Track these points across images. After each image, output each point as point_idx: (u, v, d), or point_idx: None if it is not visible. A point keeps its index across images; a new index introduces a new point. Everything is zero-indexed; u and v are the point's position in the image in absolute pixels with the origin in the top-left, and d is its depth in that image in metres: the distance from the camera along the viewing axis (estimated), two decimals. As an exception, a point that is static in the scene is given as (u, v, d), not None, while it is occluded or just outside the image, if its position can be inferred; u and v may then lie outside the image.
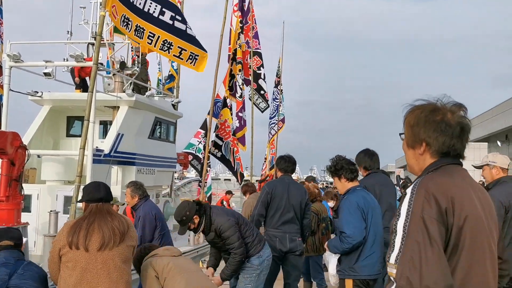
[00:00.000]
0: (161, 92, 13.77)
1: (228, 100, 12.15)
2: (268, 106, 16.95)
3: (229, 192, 16.57)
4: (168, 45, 7.46)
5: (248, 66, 14.88)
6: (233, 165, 11.99)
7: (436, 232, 1.58)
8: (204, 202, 4.78)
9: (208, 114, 12.12)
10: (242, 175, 13.15)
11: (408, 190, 1.72)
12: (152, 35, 7.22)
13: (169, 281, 3.62)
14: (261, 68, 16.43)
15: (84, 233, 3.17)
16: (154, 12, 7.19)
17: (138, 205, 5.59)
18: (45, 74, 9.94)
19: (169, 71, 14.59)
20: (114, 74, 11.52)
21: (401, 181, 8.77)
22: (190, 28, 7.75)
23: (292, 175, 5.51)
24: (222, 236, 4.38)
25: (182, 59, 7.64)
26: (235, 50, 12.46)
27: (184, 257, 4.04)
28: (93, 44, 10.49)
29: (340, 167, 4.14)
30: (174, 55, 7.68)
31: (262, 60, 16.38)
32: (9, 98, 9.74)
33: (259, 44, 16.40)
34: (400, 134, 1.92)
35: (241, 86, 12.27)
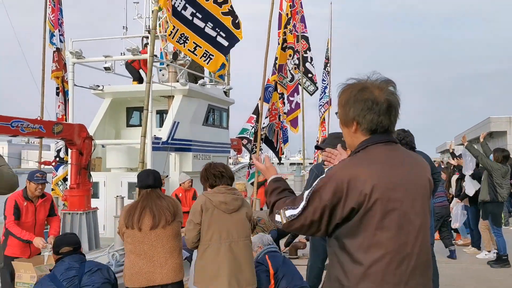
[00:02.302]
0: (213, 80, 14.16)
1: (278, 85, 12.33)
2: (317, 89, 17.05)
3: None
4: (184, 39, 7.77)
5: (296, 49, 14.98)
6: (275, 145, 12.28)
7: (323, 211, 1.81)
8: None
9: (260, 99, 12.38)
10: (280, 157, 13.53)
11: (326, 170, 1.93)
12: (173, 27, 7.56)
13: (205, 234, 3.72)
14: (308, 51, 16.59)
15: (137, 216, 3.68)
16: (178, 6, 7.49)
17: None
18: (105, 68, 10.59)
19: (220, 59, 14.97)
20: (167, 65, 12.01)
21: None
22: (212, 28, 7.94)
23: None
24: None
25: (196, 55, 7.87)
26: (284, 34, 12.56)
27: (239, 215, 3.85)
28: (147, 37, 10.99)
29: (405, 142, 4.43)
30: (188, 50, 7.93)
31: (308, 43, 16.48)
32: (74, 93, 10.49)
33: (305, 27, 16.47)
34: (336, 113, 2.02)
35: (291, 71, 12.37)
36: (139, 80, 12.27)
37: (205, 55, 7.89)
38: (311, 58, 16.77)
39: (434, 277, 5.13)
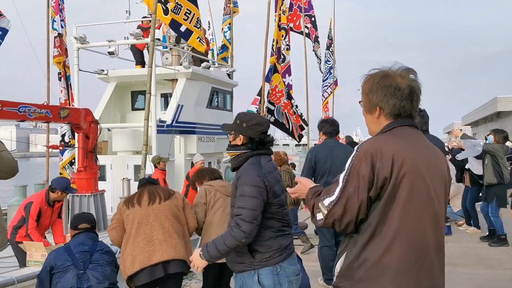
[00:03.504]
0: (216, 62, 14.21)
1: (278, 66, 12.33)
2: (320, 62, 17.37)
3: None
4: (200, 23, 7.89)
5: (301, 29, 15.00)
6: (287, 126, 12.28)
7: (364, 187, 1.83)
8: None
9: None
10: (301, 136, 13.36)
11: (355, 148, 1.94)
12: (188, 11, 7.64)
13: (209, 211, 4.17)
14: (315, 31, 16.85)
15: (137, 196, 4.01)
16: None
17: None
18: (109, 53, 10.69)
19: (222, 41, 15.00)
20: (170, 48, 12.07)
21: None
22: None
23: (335, 138, 5.62)
24: (238, 188, 2.94)
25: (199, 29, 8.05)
26: (279, 15, 12.54)
27: None
28: (149, 21, 11.04)
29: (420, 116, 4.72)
30: (194, 25, 8.04)
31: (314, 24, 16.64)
32: (79, 78, 10.62)
33: (311, 8, 16.53)
34: (360, 102, 2.09)
35: (283, 52, 12.36)
36: (142, 63, 12.36)
37: (198, 38, 8.03)
38: (316, 38, 17.07)
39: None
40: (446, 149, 7.96)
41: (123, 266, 3.82)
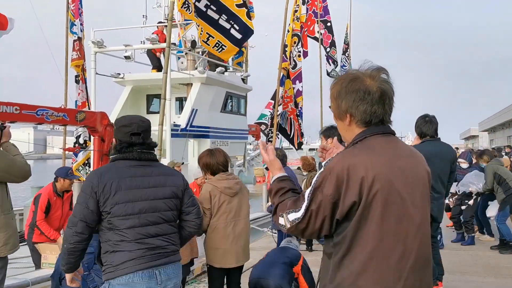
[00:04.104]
0: (231, 67, 14.36)
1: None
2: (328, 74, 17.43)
3: None
4: (199, 30, 7.99)
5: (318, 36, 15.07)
6: (289, 132, 12.37)
7: (327, 205, 1.73)
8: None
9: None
10: (300, 143, 13.53)
11: (323, 163, 1.84)
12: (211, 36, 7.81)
13: (213, 216, 4.13)
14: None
15: None
16: None
17: None
18: (126, 57, 10.92)
19: (238, 46, 15.13)
20: (186, 53, 12.26)
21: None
22: (227, 21, 8.07)
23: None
24: None
25: (208, 45, 8.04)
26: (293, 21, 12.65)
27: (240, 197, 4.23)
28: (166, 26, 11.24)
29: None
30: (202, 40, 8.12)
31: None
32: (96, 81, 10.84)
33: (327, 14, 16.57)
34: (329, 106, 1.94)
35: (295, 58, 12.44)
36: (158, 68, 12.57)
37: (217, 45, 8.07)
38: (333, 42, 17.13)
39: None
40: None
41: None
